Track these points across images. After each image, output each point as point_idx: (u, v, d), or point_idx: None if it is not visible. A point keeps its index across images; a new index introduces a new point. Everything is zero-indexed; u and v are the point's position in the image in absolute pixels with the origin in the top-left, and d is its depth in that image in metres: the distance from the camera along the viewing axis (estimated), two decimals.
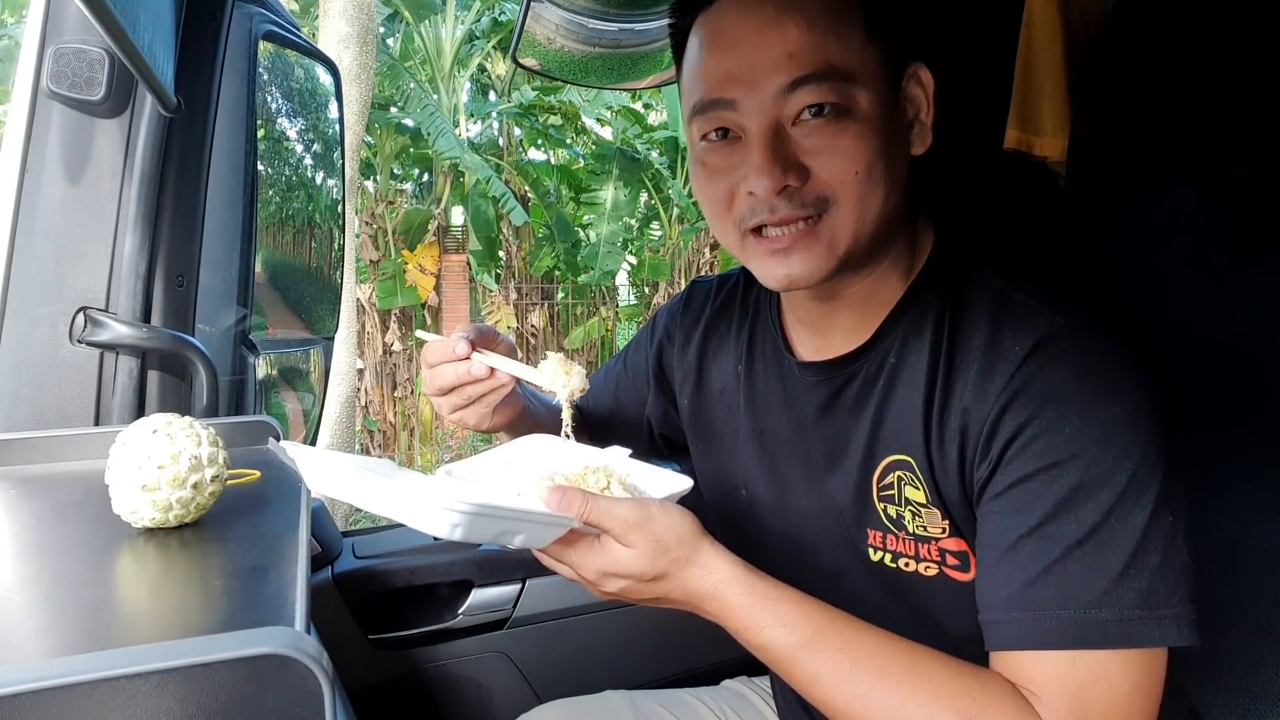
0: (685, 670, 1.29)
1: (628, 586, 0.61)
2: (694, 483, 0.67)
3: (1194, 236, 0.81)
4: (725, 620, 0.62)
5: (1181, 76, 0.81)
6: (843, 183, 0.63)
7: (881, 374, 0.69)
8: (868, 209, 0.64)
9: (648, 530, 0.59)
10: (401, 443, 8.03)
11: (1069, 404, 0.58)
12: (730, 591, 0.61)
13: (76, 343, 0.88)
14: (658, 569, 0.59)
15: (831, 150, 0.62)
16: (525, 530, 0.57)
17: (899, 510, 0.68)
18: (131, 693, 0.34)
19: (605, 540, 0.60)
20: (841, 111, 0.62)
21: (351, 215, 6.63)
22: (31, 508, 0.67)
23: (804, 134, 0.63)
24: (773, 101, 0.62)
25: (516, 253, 8.54)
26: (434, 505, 0.51)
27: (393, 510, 0.54)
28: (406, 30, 7.90)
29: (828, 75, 0.61)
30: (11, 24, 6.68)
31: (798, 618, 0.60)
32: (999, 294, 0.65)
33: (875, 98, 0.63)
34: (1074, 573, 0.57)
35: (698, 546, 0.61)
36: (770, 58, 0.62)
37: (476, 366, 0.73)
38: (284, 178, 1.38)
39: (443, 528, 0.52)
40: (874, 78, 0.63)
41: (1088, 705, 0.55)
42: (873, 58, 0.63)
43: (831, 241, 0.64)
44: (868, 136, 0.62)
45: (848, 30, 0.62)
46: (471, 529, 0.52)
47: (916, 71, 0.67)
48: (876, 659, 0.59)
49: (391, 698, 1.17)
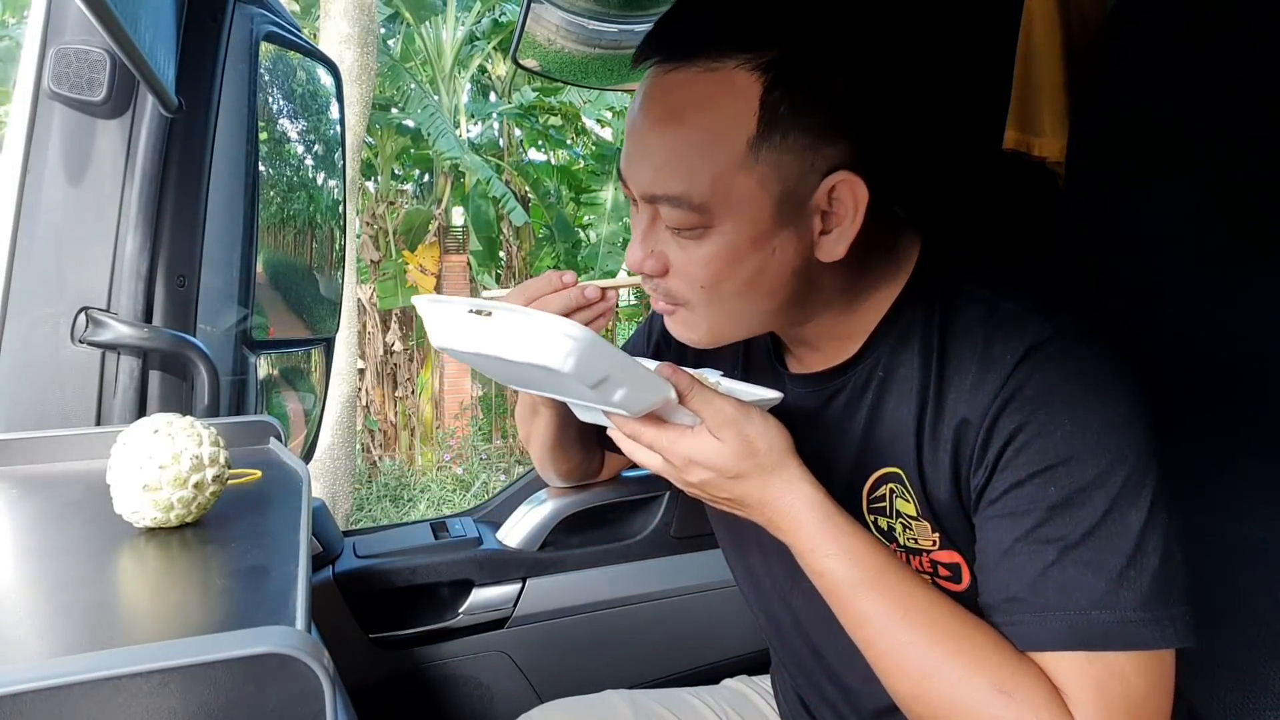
0: (686, 669, 1.29)
1: (710, 479, 0.62)
2: (781, 395, 0.68)
3: (1193, 237, 0.81)
4: (794, 538, 0.63)
5: (1181, 76, 0.81)
6: (691, 290, 0.64)
7: (869, 387, 0.69)
8: (725, 312, 0.65)
9: (741, 429, 0.60)
10: (402, 443, 8.02)
11: (1061, 408, 0.58)
12: (806, 512, 0.62)
13: (78, 343, 0.88)
14: (742, 469, 0.61)
15: (684, 260, 0.63)
16: (630, 384, 0.57)
17: (890, 523, 0.69)
18: (133, 692, 0.34)
19: (699, 429, 0.61)
20: (697, 231, 0.61)
21: (352, 215, 6.64)
22: (33, 507, 0.67)
23: (668, 235, 0.64)
24: (642, 197, 0.64)
25: (517, 253, 8.54)
26: (555, 329, 0.52)
27: (506, 344, 0.54)
28: (407, 31, 7.90)
29: (681, 202, 0.60)
30: (13, 25, 6.68)
31: (865, 555, 0.61)
32: (987, 302, 0.65)
33: (745, 224, 0.60)
34: (1073, 575, 0.57)
35: (785, 461, 0.62)
36: (643, 158, 0.63)
37: (590, 290, 0.73)
38: (285, 178, 1.38)
39: (558, 355, 0.52)
40: (746, 203, 0.60)
41: (1110, 702, 0.56)
42: (751, 184, 0.59)
43: (690, 327, 0.67)
44: (722, 257, 0.62)
45: (720, 151, 0.59)
46: (583, 361, 0.53)
47: (839, 183, 0.60)
48: (930, 614, 0.60)
49: (392, 697, 1.17)
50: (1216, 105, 0.79)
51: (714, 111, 0.59)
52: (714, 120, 0.59)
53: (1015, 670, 0.57)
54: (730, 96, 0.58)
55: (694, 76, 0.59)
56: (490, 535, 1.28)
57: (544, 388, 0.67)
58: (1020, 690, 0.56)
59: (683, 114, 0.60)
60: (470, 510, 1.39)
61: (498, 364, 0.58)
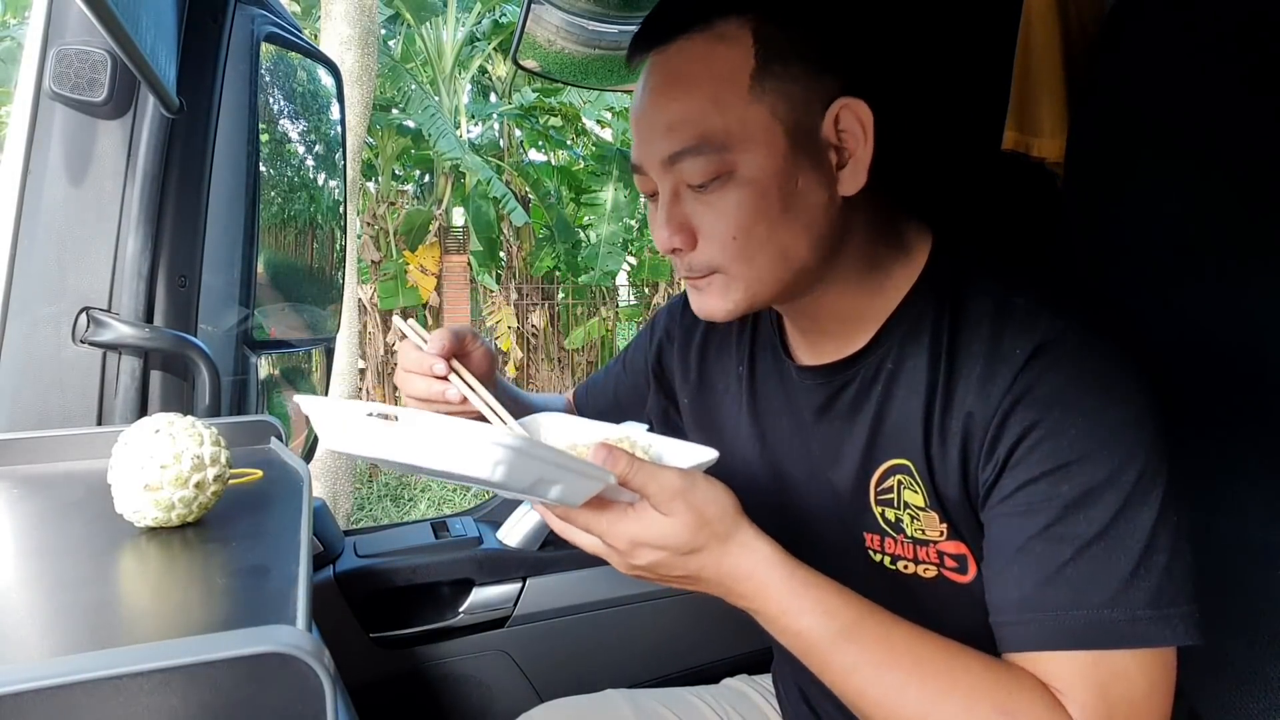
0: (686, 669, 1.29)
1: (660, 559, 0.57)
2: (718, 454, 0.65)
3: (1193, 237, 0.81)
4: (761, 602, 0.59)
5: (1180, 77, 0.81)
6: (723, 248, 0.64)
7: (879, 379, 0.69)
8: (756, 268, 0.65)
9: (689, 499, 0.57)
10: None
11: (1073, 407, 0.58)
12: (769, 573, 0.59)
13: (79, 343, 0.88)
14: (696, 542, 0.57)
15: (713, 216, 0.64)
16: (565, 480, 0.53)
17: (898, 514, 0.69)
18: (133, 691, 0.34)
19: (642, 507, 0.57)
20: (721, 180, 0.62)
21: (353, 216, 6.63)
22: (34, 507, 0.67)
23: (693, 198, 0.65)
24: (663, 170, 0.64)
25: (517, 253, 8.54)
26: (480, 440, 0.48)
27: (425, 452, 0.50)
28: (408, 32, 7.90)
29: (701, 148, 0.61)
30: (14, 25, 6.69)
31: (838, 605, 0.59)
32: (997, 298, 0.65)
33: (764, 156, 0.61)
34: (1085, 573, 0.57)
35: (738, 523, 0.59)
36: (654, 130, 0.64)
37: (451, 391, 0.72)
38: (286, 179, 1.38)
39: (484, 466, 0.48)
40: (761, 132, 0.61)
41: (1112, 704, 0.56)
42: (763, 113, 0.61)
43: (725, 295, 0.67)
44: (749, 200, 0.62)
45: (727, 90, 0.61)
46: (513, 469, 0.48)
47: (841, 110, 0.62)
48: (914, 651, 0.58)
49: (393, 696, 1.17)
50: (1215, 105, 0.79)
51: (712, 61, 0.62)
52: (714, 68, 0.62)
53: (1012, 688, 0.57)
54: (724, 45, 0.62)
55: (686, 43, 0.63)
56: (490, 535, 1.28)
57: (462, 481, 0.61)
58: (1022, 706, 0.56)
59: (682, 75, 0.63)
60: (471, 510, 1.40)
61: (406, 466, 0.54)
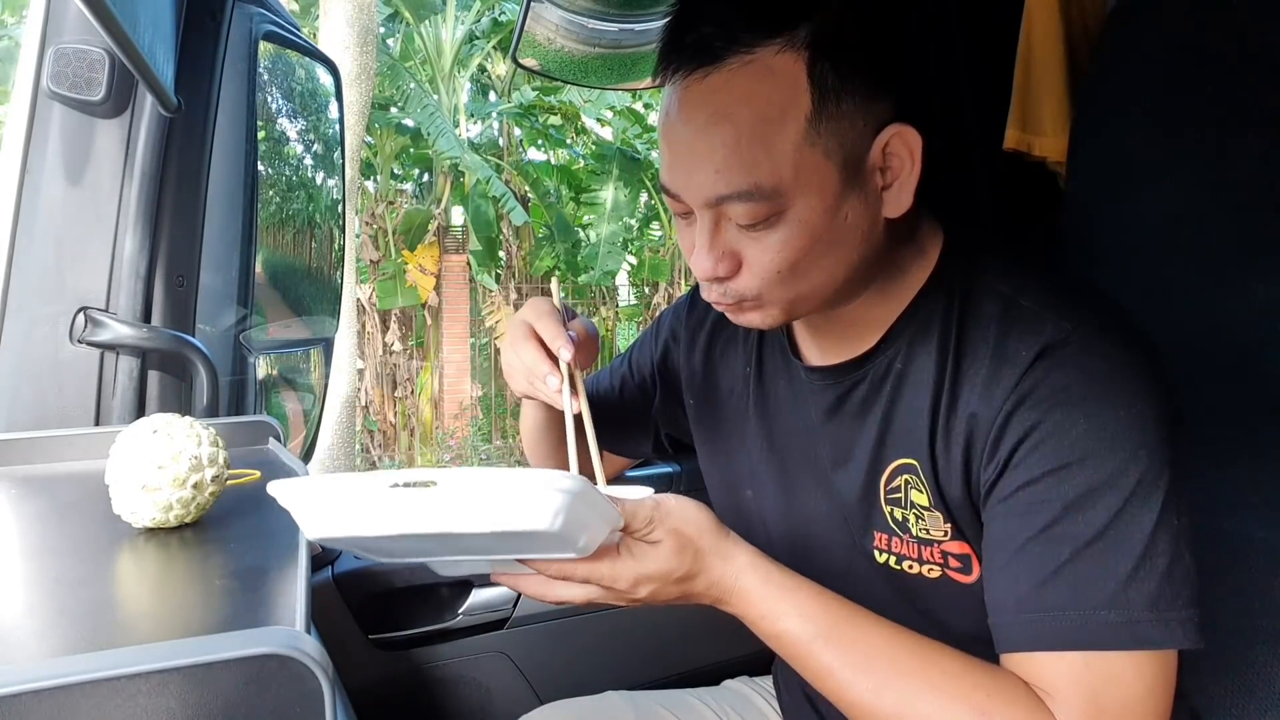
0: (686, 670, 1.29)
1: (658, 589, 0.59)
2: (652, 489, 0.64)
3: (1194, 236, 0.81)
4: (743, 608, 0.62)
5: (1181, 76, 0.81)
6: (765, 280, 0.63)
7: (888, 379, 0.69)
8: (799, 297, 0.65)
9: (668, 524, 0.59)
10: (402, 443, 8.03)
11: (1076, 407, 0.58)
12: (749, 579, 0.61)
13: (77, 343, 0.88)
14: (683, 563, 0.59)
15: (759, 251, 0.62)
16: (597, 526, 0.52)
17: (904, 513, 0.69)
18: (131, 693, 0.34)
19: (628, 544, 0.59)
20: (770, 220, 0.61)
21: (352, 215, 6.63)
22: (32, 508, 0.67)
23: (736, 231, 0.63)
24: (705, 203, 0.62)
25: (516, 253, 8.54)
26: (543, 484, 0.43)
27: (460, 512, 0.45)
28: (407, 31, 7.90)
29: (751, 195, 0.60)
30: (12, 24, 6.68)
31: (815, 608, 0.61)
32: (1005, 299, 0.65)
33: (816, 198, 0.60)
34: (1083, 574, 0.57)
35: (716, 535, 0.61)
36: (698, 167, 0.61)
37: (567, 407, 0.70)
38: (284, 178, 1.38)
39: (544, 514, 0.44)
40: (814, 175, 0.60)
41: (1103, 707, 0.55)
42: (817, 156, 0.59)
43: (762, 316, 0.67)
44: (797, 239, 0.61)
45: (780, 135, 0.58)
46: (572, 516, 0.45)
47: (893, 136, 0.61)
48: (891, 652, 0.59)
49: (391, 698, 1.17)
50: (1216, 105, 0.79)
51: (763, 101, 0.58)
52: (766, 109, 0.58)
53: (991, 690, 0.57)
54: (775, 82, 0.58)
55: (730, 75, 0.59)
56: None
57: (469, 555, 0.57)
58: (999, 707, 0.56)
59: (731, 113, 0.59)
60: None
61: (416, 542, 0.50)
